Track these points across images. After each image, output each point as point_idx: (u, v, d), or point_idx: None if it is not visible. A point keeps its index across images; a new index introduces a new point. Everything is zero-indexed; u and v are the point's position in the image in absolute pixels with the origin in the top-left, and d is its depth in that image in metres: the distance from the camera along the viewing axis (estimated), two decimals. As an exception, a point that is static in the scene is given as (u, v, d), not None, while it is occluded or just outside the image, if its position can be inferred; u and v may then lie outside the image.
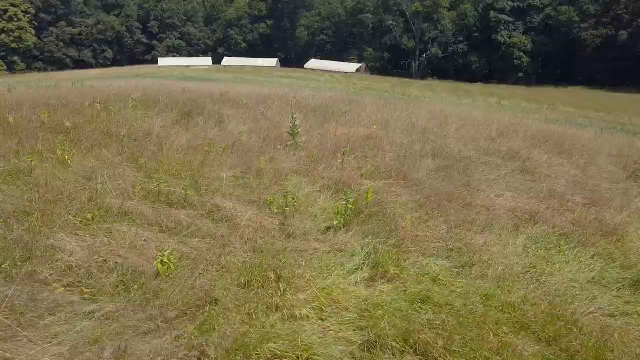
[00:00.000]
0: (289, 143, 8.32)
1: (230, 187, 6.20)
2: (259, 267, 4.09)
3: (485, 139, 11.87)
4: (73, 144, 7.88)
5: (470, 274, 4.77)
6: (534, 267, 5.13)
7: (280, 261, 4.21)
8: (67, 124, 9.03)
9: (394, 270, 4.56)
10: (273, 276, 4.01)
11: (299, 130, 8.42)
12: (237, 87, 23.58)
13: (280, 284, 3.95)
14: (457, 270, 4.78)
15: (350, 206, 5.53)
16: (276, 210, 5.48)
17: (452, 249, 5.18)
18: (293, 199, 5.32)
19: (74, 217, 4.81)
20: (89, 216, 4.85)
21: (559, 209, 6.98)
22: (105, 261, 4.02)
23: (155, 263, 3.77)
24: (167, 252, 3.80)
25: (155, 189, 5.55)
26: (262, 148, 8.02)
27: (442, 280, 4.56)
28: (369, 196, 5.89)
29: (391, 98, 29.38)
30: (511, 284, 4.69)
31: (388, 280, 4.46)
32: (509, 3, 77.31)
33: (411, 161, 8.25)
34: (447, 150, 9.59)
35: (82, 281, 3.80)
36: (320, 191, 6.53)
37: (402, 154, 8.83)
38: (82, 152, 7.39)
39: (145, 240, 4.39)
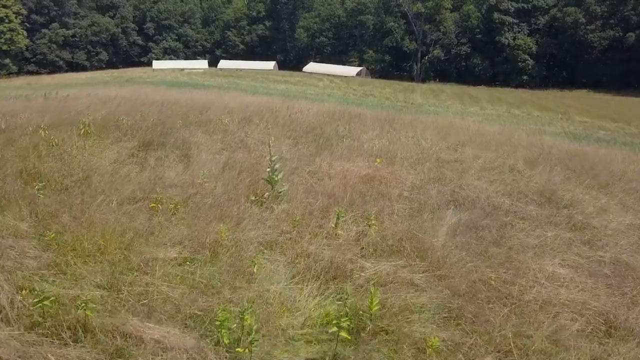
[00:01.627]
0: (266, 194, 6.30)
1: (165, 284, 4.18)
2: None
3: (511, 170, 9.87)
4: (-24, 198, 5.88)
5: None
6: None
7: None
8: (-18, 165, 7.03)
9: None
10: None
11: (279, 177, 6.39)
12: (226, 97, 21.54)
13: None
14: None
15: (344, 335, 3.53)
16: (227, 342, 3.46)
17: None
18: (250, 332, 3.30)
19: None
20: None
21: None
22: None
23: None
24: None
25: (37, 306, 3.53)
26: (228, 204, 5.98)
27: None
28: (373, 305, 3.88)
29: (394, 108, 27.39)
30: None
31: None
32: (513, 4, 75.02)
33: (427, 218, 6.23)
34: (471, 195, 7.57)
35: None
36: (302, 283, 4.51)
37: (414, 204, 6.80)
38: (-23, 215, 5.37)
39: None
